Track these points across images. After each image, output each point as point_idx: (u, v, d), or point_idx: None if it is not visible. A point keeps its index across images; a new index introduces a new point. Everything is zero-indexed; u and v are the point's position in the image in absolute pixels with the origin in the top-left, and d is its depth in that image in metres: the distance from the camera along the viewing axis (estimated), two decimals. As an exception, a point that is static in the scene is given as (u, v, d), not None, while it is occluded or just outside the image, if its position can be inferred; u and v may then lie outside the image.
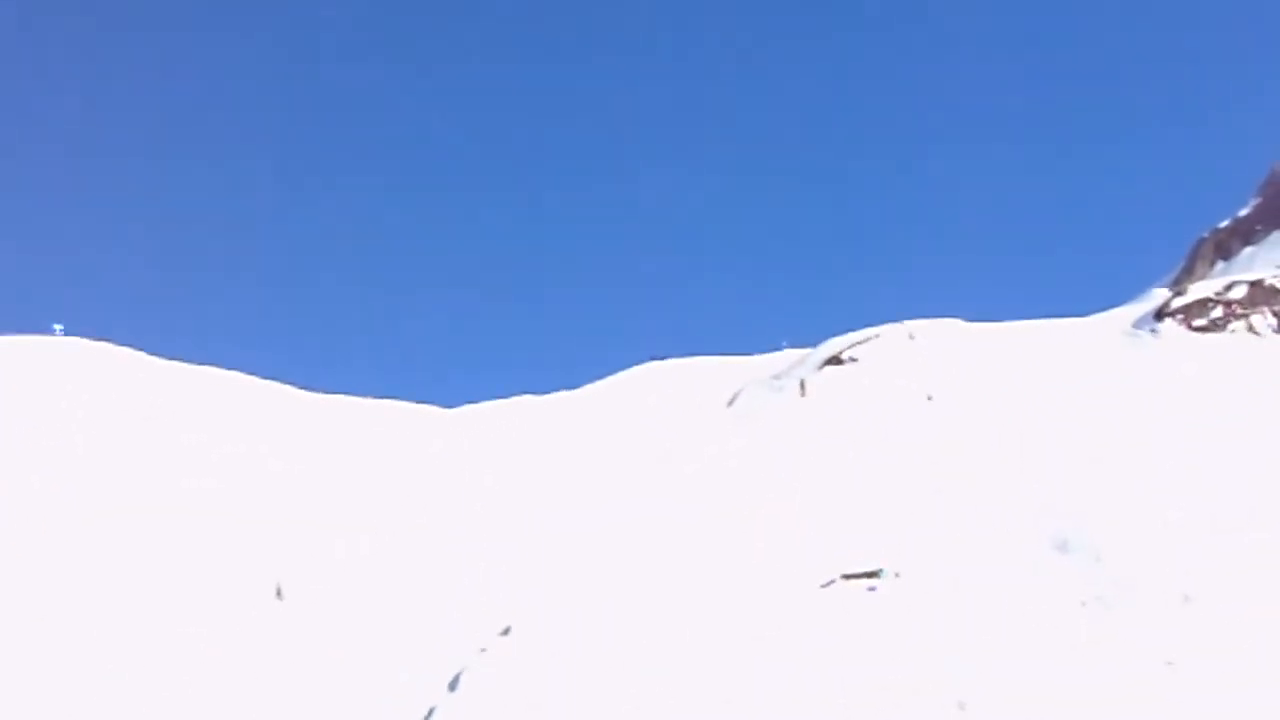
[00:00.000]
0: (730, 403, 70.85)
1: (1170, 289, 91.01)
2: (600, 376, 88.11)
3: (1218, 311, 73.37)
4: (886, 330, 74.11)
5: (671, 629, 34.32)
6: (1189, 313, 73.90)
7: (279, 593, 40.72)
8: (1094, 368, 63.29)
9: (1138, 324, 75.36)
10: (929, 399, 58.93)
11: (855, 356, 70.30)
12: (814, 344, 77.47)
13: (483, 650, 34.60)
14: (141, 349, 76.90)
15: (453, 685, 32.65)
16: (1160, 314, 74.92)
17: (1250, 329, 71.09)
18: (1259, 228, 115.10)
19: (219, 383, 73.02)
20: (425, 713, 31.31)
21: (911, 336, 72.28)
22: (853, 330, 75.40)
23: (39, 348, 74.00)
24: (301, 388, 76.78)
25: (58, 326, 78.47)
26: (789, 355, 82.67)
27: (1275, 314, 72.49)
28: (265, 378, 76.98)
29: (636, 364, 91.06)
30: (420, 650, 35.98)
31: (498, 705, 30.87)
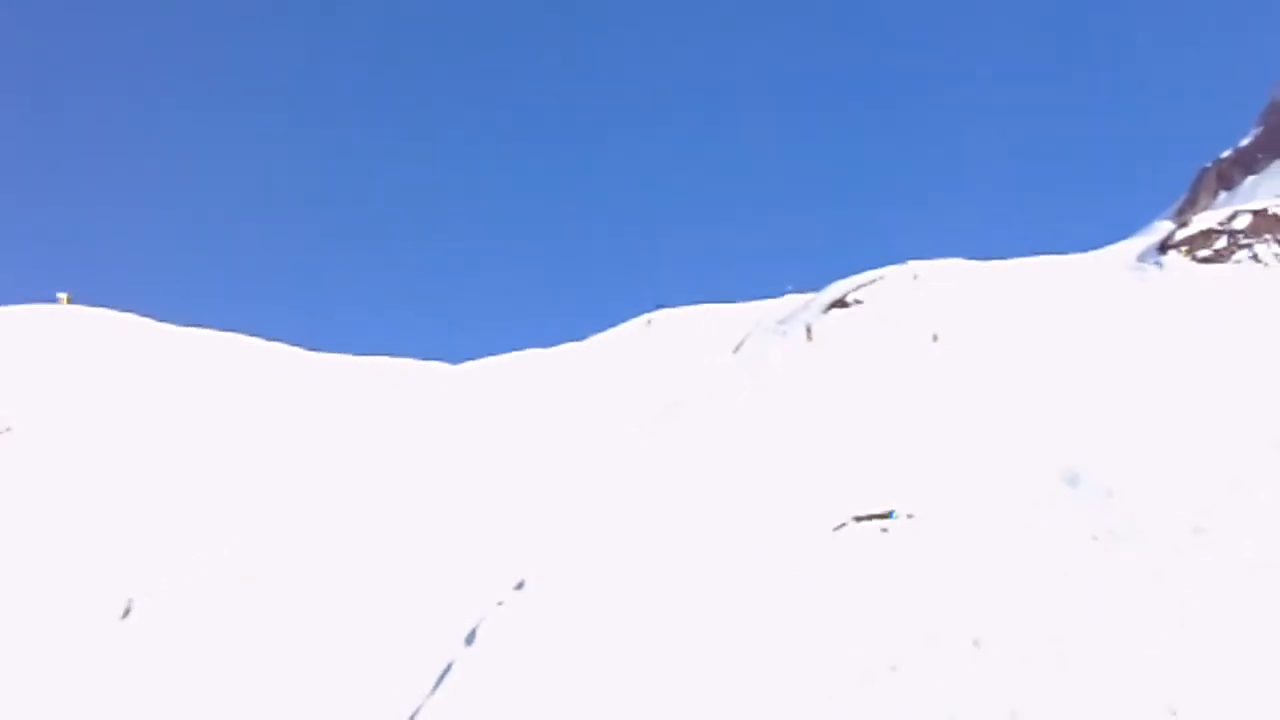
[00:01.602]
0: (736, 349, 70.84)
1: (1173, 221, 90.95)
2: (606, 327, 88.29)
3: (1222, 242, 73.20)
4: (890, 272, 74.04)
5: (683, 578, 34.39)
6: (1193, 244, 73.76)
7: (289, 552, 40.90)
8: (1100, 302, 63.20)
9: (1142, 257, 75.24)
10: (935, 339, 58.90)
11: (860, 299, 70.25)
12: (818, 288, 77.49)
13: (498, 604, 34.71)
14: (144, 314, 77.24)
15: (469, 639, 32.76)
16: (1164, 246, 74.81)
17: (1255, 258, 70.91)
18: (1260, 156, 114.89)
19: (219, 345, 73.13)
20: (444, 666, 31.41)
21: (916, 277, 72.22)
22: (857, 273, 75.40)
23: (43, 316, 74.14)
24: (306, 348, 76.93)
25: (61, 295, 78.67)
26: (794, 300, 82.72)
27: (1279, 242, 72.29)
28: (269, 339, 77.26)
29: (642, 313, 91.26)
30: (435, 605, 36.10)
31: (514, 657, 30.97)
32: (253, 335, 77.26)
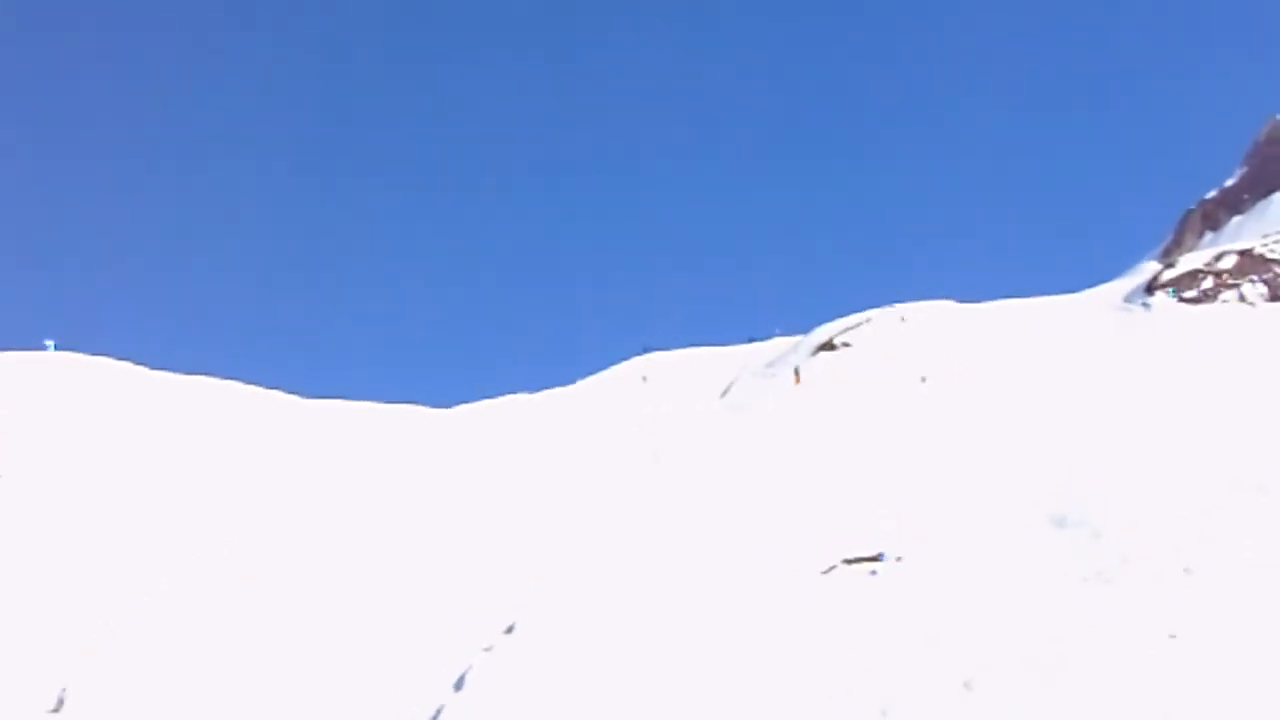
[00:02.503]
0: (724, 393, 70.93)
1: (1160, 262, 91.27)
2: (593, 371, 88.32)
3: (1208, 282, 73.57)
4: (878, 314, 74.26)
5: (674, 621, 34.33)
6: (1180, 284, 74.06)
7: (266, 596, 40.77)
8: (1087, 343, 63.35)
9: (1129, 298, 75.53)
10: (923, 381, 58.98)
11: (848, 341, 70.42)
12: (806, 330, 77.67)
13: (487, 649, 34.59)
14: (135, 361, 77.17)
15: (458, 685, 32.63)
16: (1151, 287, 75.13)
17: (1241, 298, 71.26)
18: (1246, 197, 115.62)
19: (212, 392, 73.10)
20: (433, 712, 31.28)
21: (903, 319, 72.44)
22: (844, 315, 75.59)
23: (33, 363, 74.04)
24: (294, 394, 76.92)
25: (49, 342, 78.59)
26: (781, 343, 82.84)
27: (1265, 282, 72.67)
28: (258, 385, 77.25)
29: (629, 357, 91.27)
30: (423, 650, 35.96)
31: (504, 703, 30.86)
32: (249, 383, 77.35)
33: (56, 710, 32.69)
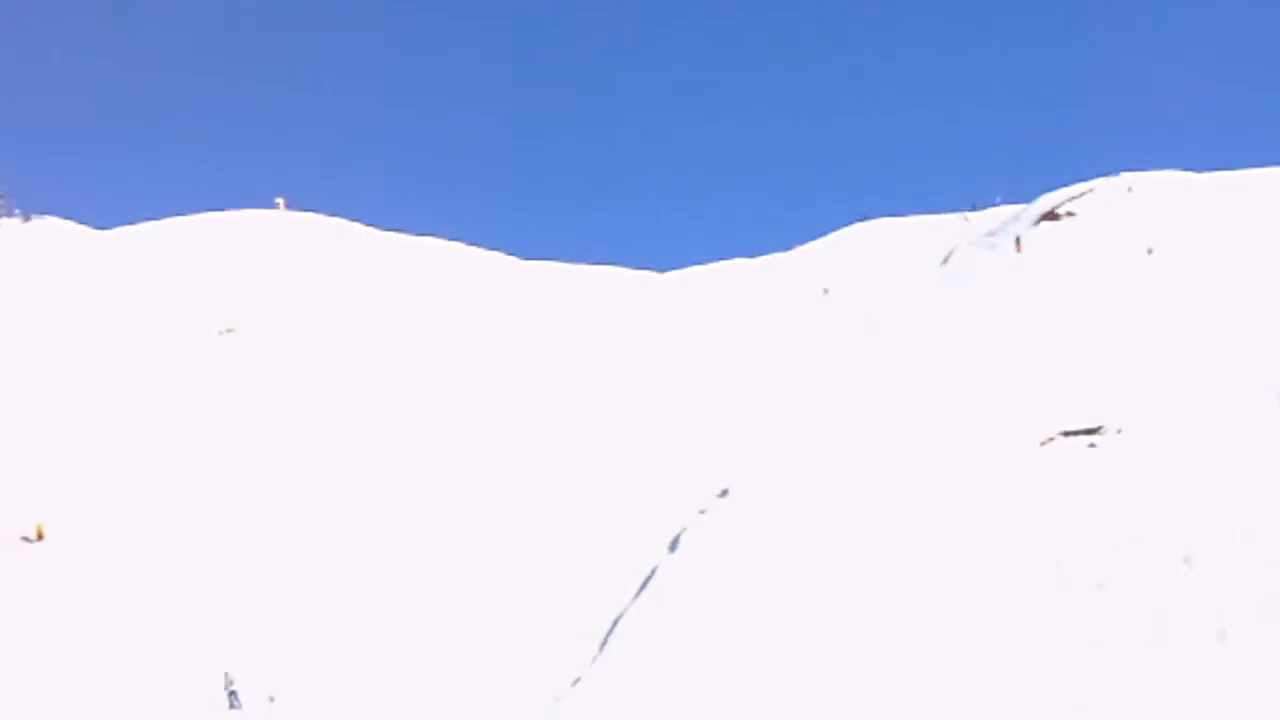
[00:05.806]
0: (944, 261, 70.20)
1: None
2: (812, 237, 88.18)
3: None
4: (1102, 184, 72.42)
5: (889, 489, 34.53)
6: None
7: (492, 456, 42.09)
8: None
9: (1369, 169, 72.49)
10: (1149, 252, 57.63)
11: (1071, 211, 68.96)
12: (1028, 200, 76.22)
13: (701, 512, 35.26)
14: (365, 222, 79.47)
15: (673, 546, 33.39)
16: (1394, 157, 71.89)
17: None
18: None
19: (437, 252, 74.75)
20: (649, 571, 32.11)
21: (1130, 189, 70.55)
22: (1068, 184, 73.97)
23: (262, 221, 76.55)
24: (517, 256, 78.36)
25: (279, 199, 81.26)
26: (1002, 212, 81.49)
27: None
28: (482, 246, 78.90)
29: (848, 224, 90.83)
30: (639, 511, 36.83)
31: (717, 564, 31.47)
32: (465, 242, 79.05)
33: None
